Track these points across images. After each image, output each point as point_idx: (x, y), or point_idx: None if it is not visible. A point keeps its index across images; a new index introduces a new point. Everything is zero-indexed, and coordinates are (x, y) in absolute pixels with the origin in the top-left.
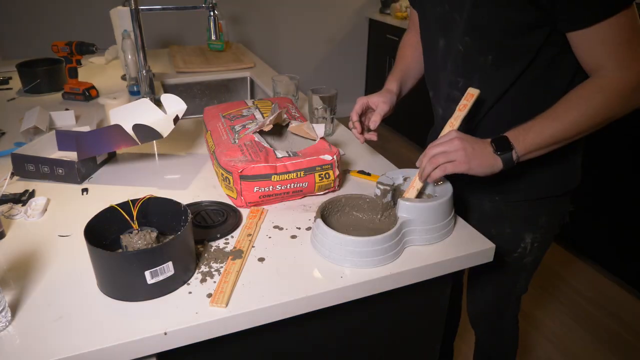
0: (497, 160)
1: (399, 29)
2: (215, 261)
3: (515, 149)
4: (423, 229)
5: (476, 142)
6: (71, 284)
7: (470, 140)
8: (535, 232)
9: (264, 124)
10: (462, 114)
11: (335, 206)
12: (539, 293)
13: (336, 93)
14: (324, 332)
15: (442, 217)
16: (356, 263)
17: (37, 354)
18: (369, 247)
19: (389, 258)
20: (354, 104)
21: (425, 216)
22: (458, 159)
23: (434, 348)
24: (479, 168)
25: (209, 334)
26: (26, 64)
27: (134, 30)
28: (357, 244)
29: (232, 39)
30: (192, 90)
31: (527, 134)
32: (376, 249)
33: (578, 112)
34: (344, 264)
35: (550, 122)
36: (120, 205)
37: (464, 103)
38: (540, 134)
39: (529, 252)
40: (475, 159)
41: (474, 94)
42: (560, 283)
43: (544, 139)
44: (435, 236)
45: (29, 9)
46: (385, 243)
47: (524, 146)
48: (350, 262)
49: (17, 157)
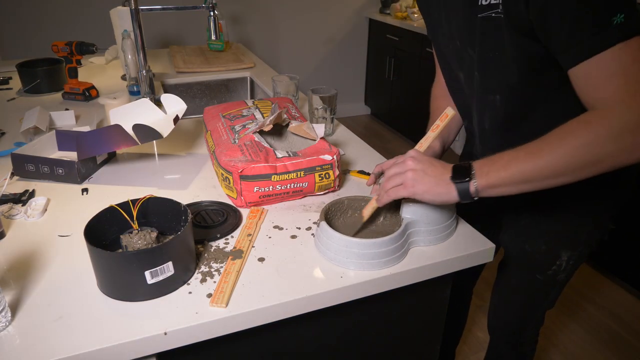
0: (451, 188)
1: (399, 29)
2: (215, 261)
3: (474, 180)
4: (427, 229)
5: (433, 165)
6: (71, 284)
7: (427, 162)
8: (574, 250)
9: (264, 124)
10: (434, 135)
11: (338, 208)
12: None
13: (336, 93)
14: (324, 332)
15: (445, 218)
16: (362, 266)
17: (37, 354)
18: (375, 249)
19: (394, 260)
20: (354, 104)
21: (430, 217)
22: (404, 181)
23: (434, 348)
24: (426, 195)
25: (209, 334)
26: (26, 64)
27: (134, 30)
28: (362, 246)
29: (232, 39)
30: (192, 90)
31: (492, 165)
32: (382, 250)
33: (557, 149)
34: (349, 266)
35: (522, 155)
36: (120, 205)
37: (437, 124)
38: (507, 168)
39: (563, 269)
40: (422, 184)
41: (449, 114)
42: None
43: (511, 175)
44: (439, 237)
45: (29, 9)
46: (392, 244)
47: (487, 179)
48: (355, 264)
49: (17, 157)
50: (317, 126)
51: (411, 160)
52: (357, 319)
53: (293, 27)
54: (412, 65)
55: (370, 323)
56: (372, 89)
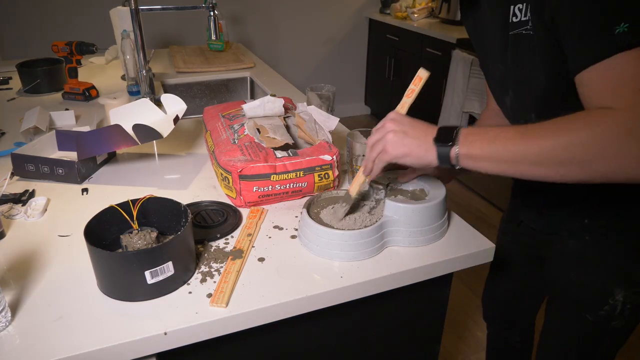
0: (431, 151)
1: (399, 29)
2: (215, 261)
3: (456, 146)
4: (407, 230)
5: (415, 126)
6: (71, 284)
7: (408, 123)
8: (629, 289)
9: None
10: (410, 101)
11: (319, 203)
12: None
13: (334, 91)
14: (324, 332)
15: (429, 221)
16: (345, 256)
17: (37, 354)
18: (343, 240)
19: (369, 252)
20: (354, 104)
21: (410, 218)
22: (384, 145)
23: (434, 348)
24: (408, 158)
25: (209, 334)
26: (26, 64)
27: (133, 30)
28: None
29: (232, 39)
30: (192, 90)
31: (478, 136)
32: (354, 242)
33: (548, 137)
34: (333, 257)
35: (511, 134)
36: (120, 205)
37: (412, 88)
38: (492, 142)
39: (618, 313)
40: (403, 146)
41: (423, 76)
42: None
43: (494, 150)
44: (420, 239)
45: (29, 9)
46: (365, 238)
47: (468, 148)
48: (336, 255)
49: (17, 157)
50: (330, 118)
51: (390, 122)
52: (357, 319)
53: (293, 27)
54: (412, 65)
55: (370, 323)
56: (372, 89)
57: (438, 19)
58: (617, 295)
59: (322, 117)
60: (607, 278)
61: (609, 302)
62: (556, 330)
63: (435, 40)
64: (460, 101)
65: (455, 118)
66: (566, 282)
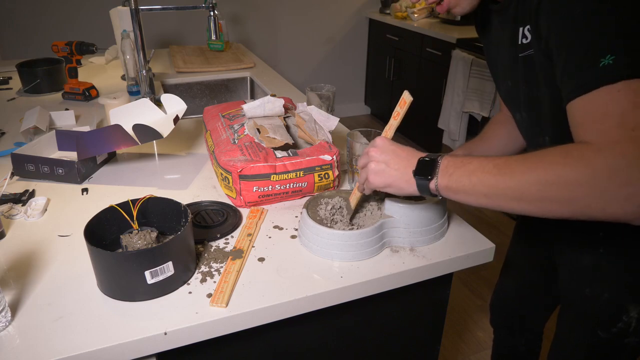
0: (411, 183)
1: (399, 29)
2: (215, 261)
3: (436, 179)
4: (407, 230)
5: (398, 156)
6: (71, 284)
7: (391, 152)
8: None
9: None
10: (396, 123)
11: (318, 202)
12: None
13: (334, 91)
14: (324, 331)
15: (428, 221)
16: (343, 257)
17: (37, 354)
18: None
19: (369, 252)
20: (354, 104)
21: (410, 218)
22: (368, 175)
23: (434, 348)
24: (389, 189)
25: (209, 334)
26: (26, 64)
27: (133, 30)
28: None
29: (232, 39)
30: (192, 90)
31: (458, 168)
32: (358, 242)
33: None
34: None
35: (490, 167)
36: (120, 205)
37: (398, 111)
38: (471, 175)
39: (633, 330)
40: (383, 177)
41: (407, 101)
42: None
43: (472, 184)
44: (420, 239)
45: (29, 9)
46: (366, 238)
47: (448, 180)
48: (334, 255)
49: (17, 157)
50: (330, 118)
51: (374, 151)
52: (357, 318)
53: (293, 27)
54: (412, 65)
55: (370, 323)
56: (372, 89)
57: (438, 19)
58: (631, 311)
59: (322, 117)
60: (621, 293)
61: (622, 319)
62: (568, 342)
63: (435, 40)
64: (460, 101)
65: (455, 118)
66: (580, 295)
